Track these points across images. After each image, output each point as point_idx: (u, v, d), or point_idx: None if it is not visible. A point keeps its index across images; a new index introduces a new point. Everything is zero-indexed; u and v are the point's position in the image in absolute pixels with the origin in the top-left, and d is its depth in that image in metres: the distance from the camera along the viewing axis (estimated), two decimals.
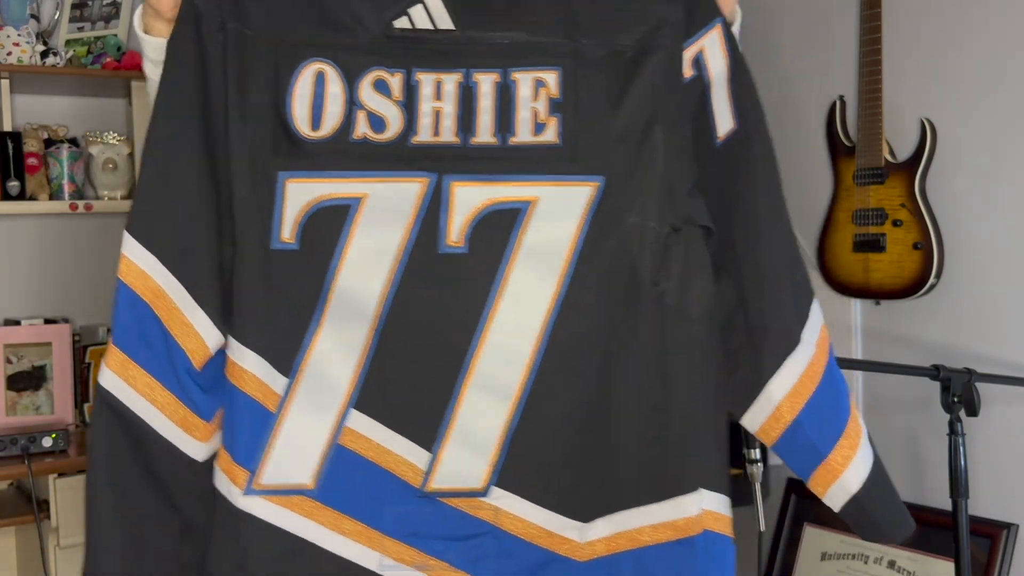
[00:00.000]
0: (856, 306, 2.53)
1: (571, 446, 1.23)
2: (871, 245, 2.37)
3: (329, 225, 1.19)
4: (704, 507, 1.23)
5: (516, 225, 1.20)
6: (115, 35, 2.73)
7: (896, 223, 2.33)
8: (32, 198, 2.56)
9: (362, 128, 1.22)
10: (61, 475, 2.26)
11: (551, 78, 1.22)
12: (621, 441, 1.23)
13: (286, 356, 1.20)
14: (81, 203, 2.60)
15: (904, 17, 2.38)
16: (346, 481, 1.22)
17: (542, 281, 1.20)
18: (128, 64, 2.65)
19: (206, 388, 1.21)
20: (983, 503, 2.26)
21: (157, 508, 1.21)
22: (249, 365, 1.19)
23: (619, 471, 1.23)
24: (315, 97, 1.21)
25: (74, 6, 2.74)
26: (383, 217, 1.21)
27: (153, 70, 1.25)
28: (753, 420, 1.29)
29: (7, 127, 2.60)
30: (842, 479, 1.29)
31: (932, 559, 2.34)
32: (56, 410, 2.59)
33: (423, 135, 1.22)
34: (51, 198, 2.59)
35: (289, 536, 1.20)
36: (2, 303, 2.74)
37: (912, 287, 2.31)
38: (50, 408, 2.60)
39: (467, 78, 1.23)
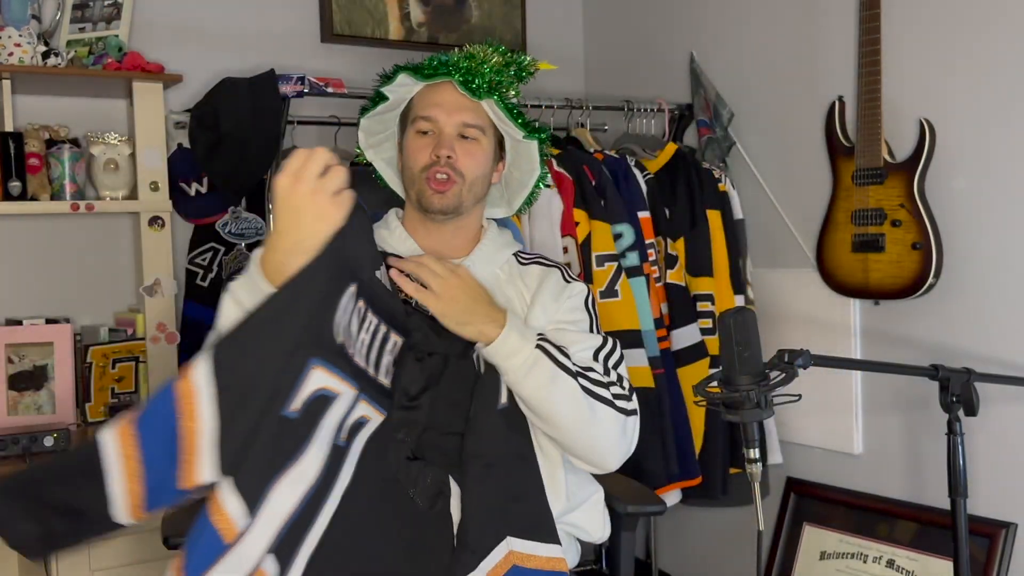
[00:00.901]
0: (855, 306, 2.54)
1: None
2: (870, 245, 2.37)
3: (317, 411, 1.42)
4: None
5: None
6: (116, 36, 2.73)
7: (895, 223, 2.33)
8: (33, 198, 2.56)
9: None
10: None
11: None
12: None
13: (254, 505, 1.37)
14: (82, 203, 2.60)
15: (903, 17, 2.39)
16: None
17: None
18: (129, 65, 2.65)
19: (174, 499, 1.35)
20: (982, 502, 2.26)
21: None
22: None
23: None
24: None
25: (75, 7, 2.74)
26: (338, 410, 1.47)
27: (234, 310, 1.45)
28: None
29: (8, 127, 2.60)
30: None
31: (931, 558, 2.34)
32: (57, 410, 2.60)
33: None
34: (52, 198, 2.60)
35: None
36: (3, 303, 2.74)
37: (911, 287, 2.32)
38: (51, 408, 2.60)
39: None
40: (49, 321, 2.67)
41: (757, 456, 1.60)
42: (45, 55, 2.56)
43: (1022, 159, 2.20)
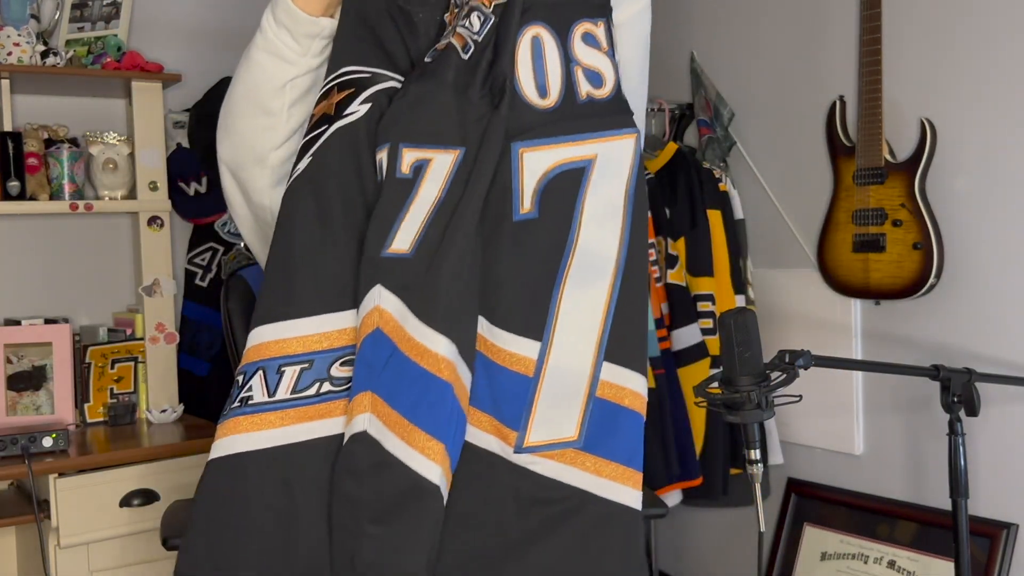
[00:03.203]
0: (856, 306, 2.53)
1: None
2: (871, 245, 2.37)
3: (568, 189, 1.30)
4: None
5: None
6: (115, 35, 2.73)
7: (896, 223, 2.33)
8: (32, 198, 2.56)
9: (584, 87, 1.34)
10: (61, 475, 2.26)
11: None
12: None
13: (538, 324, 1.28)
14: (81, 203, 2.60)
15: (904, 17, 2.39)
16: (606, 429, 1.30)
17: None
18: (128, 64, 2.65)
19: None
20: (983, 503, 2.26)
21: None
22: (505, 343, 1.28)
23: None
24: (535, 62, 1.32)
25: (74, 6, 2.74)
26: (610, 172, 1.32)
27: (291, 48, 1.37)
28: None
29: (7, 127, 2.60)
30: None
31: (932, 559, 2.34)
32: (56, 410, 2.59)
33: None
34: (51, 198, 2.59)
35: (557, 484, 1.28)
36: (2, 303, 2.74)
37: (912, 287, 2.32)
38: (50, 408, 2.60)
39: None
40: (48, 321, 2.66)
41: (758, 457, 1.60)
42: (44, 55, 2.55)
43: (1023, 159, 2.20)
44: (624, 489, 1.29)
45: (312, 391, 1.30)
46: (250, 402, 1.29)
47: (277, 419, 1.30)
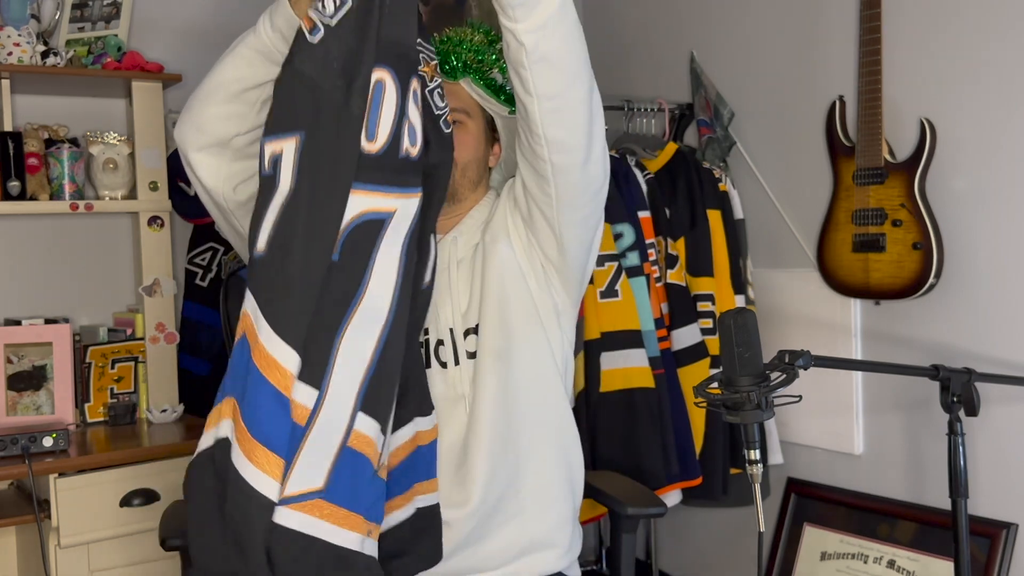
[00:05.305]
0: (856, 306, 2.53)
1: None
2: (871, 245, 2.37)
3: (366, 238, 1.34)
4: None
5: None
6: (115, 35, 2.73)
7: (896, 223, 2.33)
8: (33, 198, 2.56)
9: (405, 143, 1.38)
10: (61, 475, 2.26)
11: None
12: None
13: (319, 372, 1.32)
14: (82, 203, 2.60)
15: (904, 17, 2.39)
16: (348, 479, 1.34)
17: None
18: (128, 64, 2.65)
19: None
20: (983, 503, 2.26)
21: None
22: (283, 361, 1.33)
23: None
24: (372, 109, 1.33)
25: (74, 6, 2.74)
26: (400, 227, 1.36)
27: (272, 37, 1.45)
28: None
29: (7, 127, 2.60)
30: None
31: (932, 559, 2.34)
32: (56, 410, 2.59)
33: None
34: (52, 198, 2.59)
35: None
36: (2, 303, 2.74)
37: (912, 287, 2.32)
38: (50, 408, 2.60)
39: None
40: (48, 321, 2.66)
41: (758, 457, 1.59)
42: (44, 55, 2.55)
43: (1023, 159, 2.20)
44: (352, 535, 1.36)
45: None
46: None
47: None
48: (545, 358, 1.69)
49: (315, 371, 1.30)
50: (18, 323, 2.63)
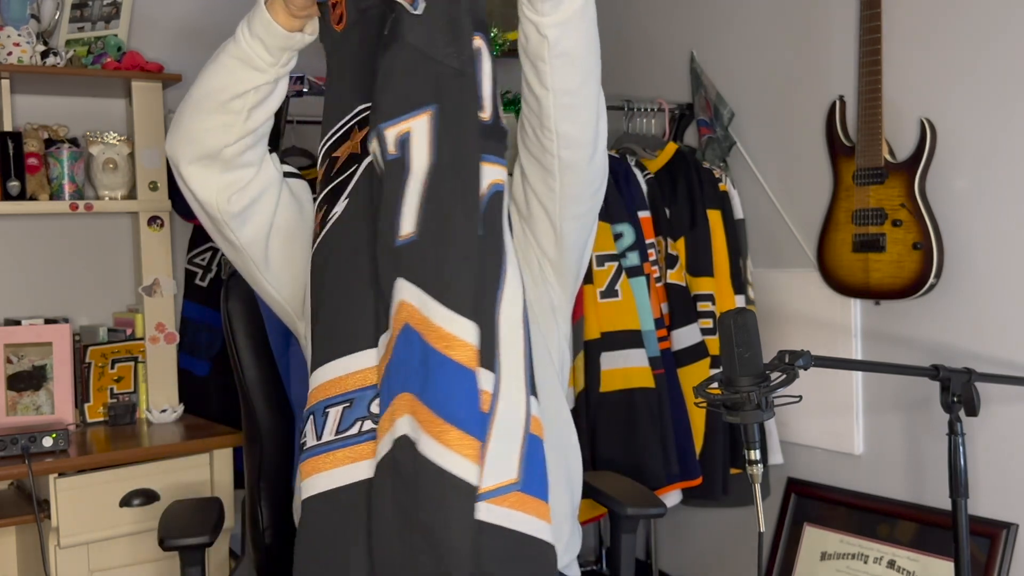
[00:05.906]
0: (856, 306, 2.53)
1: None
2: (871, 245, 2.37)
3: (498, 207, 1.33)
4: None
5: None
6: (115, 35, 2.73)
7: (896, 223, 2.33)
8: (32, 198, 2.56)
9: (498, 108, 1.41)
10: (61, 475, 2.26)
11: None
12: None
13: (488, 354, 1.28)
14: (81, 203, 2.60)
15: (904, 17, 2.39)
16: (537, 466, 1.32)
17: None
18: (128, 64, 2.65)
19: None
20: (983, 503, 2.26)
21: None
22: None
23: None
24: None
25: (74, 6, 2.74)
26: (508, 202, 1.43)
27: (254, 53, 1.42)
28: None
29: (7, 127, 2.60)
30: None
31: (932, 559, 2.34)
32: (56, 410, 2.60)
33: None
34: (51, 198, 2.59)
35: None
36: (2, 303, 2.74)
37: (912, 287, 2.32)
38: (50, 408, 2.60)
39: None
40: (48, 321, 2.66)
41: (758, 457, 1.59)
42: (44, 55, 2.55)
43: (1023, 159, 2.20)
44: (541, 523, 1.31)
45: (355, 430, 1.33)
46: (305, 447, 1.34)
47: (322, 463, 1.33)
48: (541, 356, 1.69)
49: (488, 353, 1.25)
50: (18, 323, 2.63)
